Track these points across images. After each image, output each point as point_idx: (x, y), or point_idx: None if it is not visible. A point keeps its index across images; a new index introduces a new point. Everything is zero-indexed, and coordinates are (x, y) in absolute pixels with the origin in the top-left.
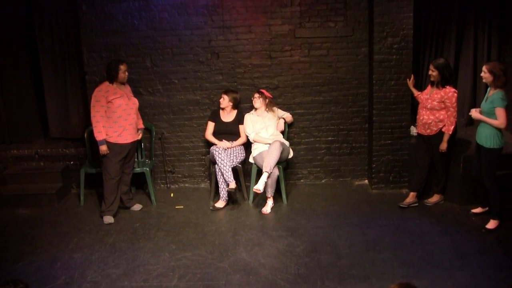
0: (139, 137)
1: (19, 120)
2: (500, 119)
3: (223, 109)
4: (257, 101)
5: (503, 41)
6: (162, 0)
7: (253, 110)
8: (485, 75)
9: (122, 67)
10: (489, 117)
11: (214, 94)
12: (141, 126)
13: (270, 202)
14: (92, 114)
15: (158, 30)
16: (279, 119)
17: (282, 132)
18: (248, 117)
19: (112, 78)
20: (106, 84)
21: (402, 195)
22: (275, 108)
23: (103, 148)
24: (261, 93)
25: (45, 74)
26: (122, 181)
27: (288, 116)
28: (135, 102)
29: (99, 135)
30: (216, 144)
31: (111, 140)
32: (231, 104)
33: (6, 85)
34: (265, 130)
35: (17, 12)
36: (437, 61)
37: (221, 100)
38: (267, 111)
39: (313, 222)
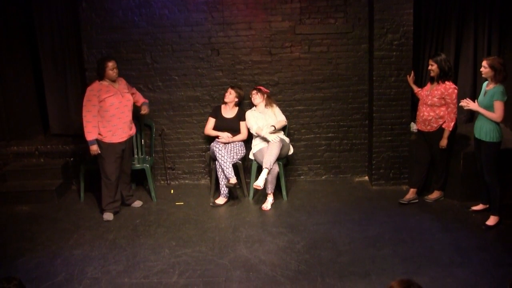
0: (146, 112)
1: (19, 117)
2: (497, 113)
3: (226, 103)
4: (256, 97)
5: (503, 38)
6: None
7: (254, 107)
8: (485, 70)
9: (110, 64)
10: (489, 111)
11: (214, 91)
12: (144, 100)
13: (270, 199)
14: (83, 114)
15: (158, 26)
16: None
17: (283, 129)
18: (249, 113)
19: (100, 76)
20: (97, 83)
21: (402, 192)
22: (274, 105)
23: (93, 148)
24: (258, 89)
25: (45, 71)
26: (121, 180)
27: (281, 122)
28: (129, 99)
29: (88, 135)
30: (217, 137)
31: (106, 140)
32: (237, 100)
33: (7, 81)
34: (266, 127)
35: (17, 10)
36: (435, 55)
37: (227, 94)
38: (267, 108)
39: (313, 218)
